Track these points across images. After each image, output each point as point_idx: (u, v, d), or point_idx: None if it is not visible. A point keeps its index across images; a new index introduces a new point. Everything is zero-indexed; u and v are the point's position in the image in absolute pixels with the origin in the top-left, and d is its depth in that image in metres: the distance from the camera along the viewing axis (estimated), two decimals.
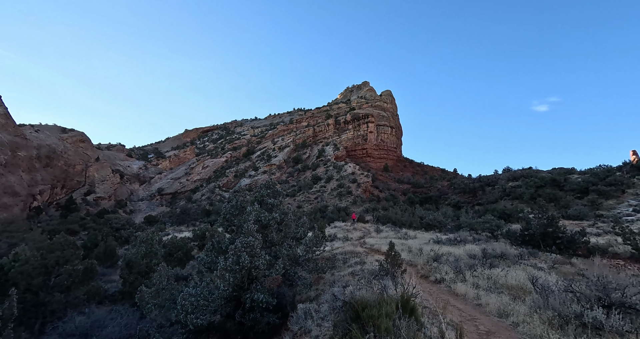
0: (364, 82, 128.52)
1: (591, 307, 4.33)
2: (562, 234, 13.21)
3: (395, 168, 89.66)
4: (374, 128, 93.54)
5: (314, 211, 48.49)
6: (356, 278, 8.67)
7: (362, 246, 16.73)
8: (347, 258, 13.20)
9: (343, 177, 65.97)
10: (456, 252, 12.34)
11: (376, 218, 34.69)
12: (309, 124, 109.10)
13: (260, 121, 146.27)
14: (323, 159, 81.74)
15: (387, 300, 3.46)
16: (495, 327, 4.77)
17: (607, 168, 43.41)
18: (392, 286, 4.92)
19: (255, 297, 5.76)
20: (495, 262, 10.44)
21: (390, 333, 3.06)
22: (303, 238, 10.62)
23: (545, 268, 10.03)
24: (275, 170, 79.59)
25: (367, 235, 22.89)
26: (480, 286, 7.58)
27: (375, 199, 58.44)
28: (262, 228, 8.35)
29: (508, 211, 29.90)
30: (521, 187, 43.87)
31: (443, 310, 4.90)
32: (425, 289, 7.76)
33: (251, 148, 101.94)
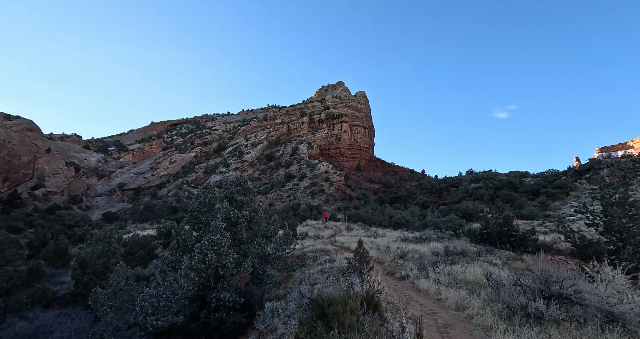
0: (338, 82, 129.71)
1: (534, 299, 4.77)
2: (515, 233, 14.27)
3: (367, 168, 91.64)
4: (348, 128, 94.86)
5: (286, 209, 48.22)
6: (325, 275, 8.77)
7: (333, 244, 16.92)
8: (317, 256, 13.29)
9: (316, 176, 66.22)
10: (421, 250, 12.87)
11: (347, 217, 35.27)
12: (283, 122, 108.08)
13: (232, 116, 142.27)
14: (297, 157, 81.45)
15: (353, 297, 3.55)
16: (453, 320, 5.07)
17: (554, 172, 47.68)
18: (359, 283, 5.05)
19: (221, 296, 5.62)
20: (456, 259, 11.03)
21: (354, 329, 3.14)
22: (273, 236, 10.53)
23: (500, 264, 10.76)
24: (248, 167, 77.98)
25: (338, 233, 23.17)
26: (442, 281, 8.00)
27: (348, 198, 59.38)
28: (231, 226, 8.15)
29: (470, 210, 31.77)
30: (482, 189, 46.86)
31: (406, 305, 5.11)
32: (391, 285, 8.04)
33: (223, 144, 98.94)
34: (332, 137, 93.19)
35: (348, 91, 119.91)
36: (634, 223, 8.77)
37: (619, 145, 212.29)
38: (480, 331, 4.53)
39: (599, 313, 4.40)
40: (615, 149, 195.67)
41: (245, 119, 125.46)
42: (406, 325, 3.52)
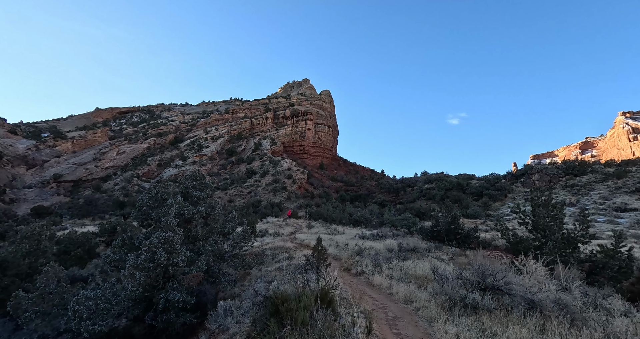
0: (304, 79, 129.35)
1: (472, 291, 5.28)
2: (461, 231, 15.54)
3: (330, 166, 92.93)
4: (313, 126, 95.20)
5: (247, 206, 47.04)
6: (283, 272, 8.75)
7: (293, 242, 16.93)
8: (276, 253, 13.20)
9: (279, 173, 65.49)
10: (377, 247, 13.40)
11: (309, 214, 35.48)
12: (246, 116, 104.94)
13: (191, 107, 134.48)
14: (259, 152, 79.74)
15: (307, 293, 3.59)
16: (401, 313, 5.39)
17: (496, 176, 52.83)
18: (315, 280, 5.13)
19: (170, 296, 5.30)
20: (409, 255, 11.68)
21: (307, 325, 3.18)
22: (231, 233, 10.21)
23: (446, 260, 11.63)
24: (207, 161, 74.46)
25: (298, 231, 23.22)
26: (394, 277, 8.43)
27: (310, 195, 59.69)
28: (184, 222, 7.73)
29: (423, 209, 33.86)
30: (434, 189, 50.24)
31: (359, 300, 5.31)
32: (347, 281, 8.28)
33: (180, 136, 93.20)
34: (296, 134, 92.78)
35: (313, 88, 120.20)
36: (554, 222, 10.08)
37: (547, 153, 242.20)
38: (424, 322, 4.88)
39: (523, 301, 5.01)
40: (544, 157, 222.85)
41: (205, 111, 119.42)
42: (357, 319, 3.66)
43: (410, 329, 4.54)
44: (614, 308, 4.92)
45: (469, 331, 4.33)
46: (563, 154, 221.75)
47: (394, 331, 4.47)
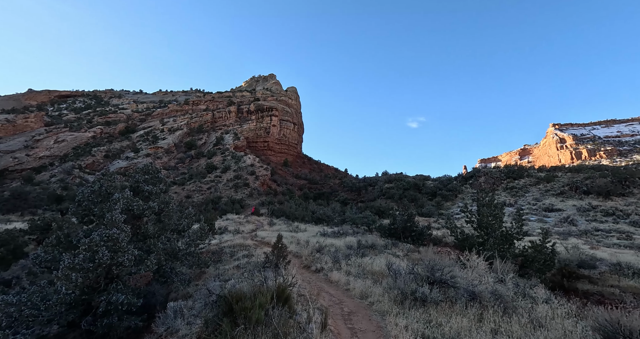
0: (270, 74, 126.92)
1: (422, 285, 5.64)
2: (416, 228, 16.47)
3: (294, 164, 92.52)
4: (278, 122, 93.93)
5: (206, 202, 45.04)
6: (241, 271, 8.54)
7: (253, 239, 16.64)
8: (235, 251, 12.86)
9: (241, 169, 63.62)
10: (337, 244, 13.67)
11: (271, 211, 35.00)
12: (207, 108, 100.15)
13: (146, 95, 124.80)
14: (221, 147, 76.68)
15: (263, 291, 3.54)
16: (357, 307, 5.58)
17: (448, 177, 56.86)
18: (273, 278, 5.08)
19: (113, 299, 4.87)
20: (367, 252, 12.09)
21: (262, 323, 3.13)
22: (187, 231, 9.70)
23: (401, 256, 12.24)
24: (163, 154, 69.76)
25: (259, 228, 22.88)
26: (352, 273, 8.67)
27: (273, 192, 58.89)
28: (133, 219, 7.14)
29: (382, 208, 35.27)
30: (394, 189, 52.59)
31: (316, 297, 5.38)
32: (306, 278, 8.34)
33: (132, 126, 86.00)
34: (260, 130, 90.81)
35: (280, 84, 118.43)
36: (496, 221, 11.14)
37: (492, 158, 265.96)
38: (377, 316, 5.10)
39: (466, 293, 5.48)
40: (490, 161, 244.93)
41: (162, 101, 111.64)
42: (313, 316, 3.70)
43: (363, 324, 4.71)
44: (538, 296, 5.60)
45: (417, 322, 4.61)
46: (505, 159, 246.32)
47: (349, 325, 4.60)
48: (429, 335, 4.11)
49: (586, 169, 48.40)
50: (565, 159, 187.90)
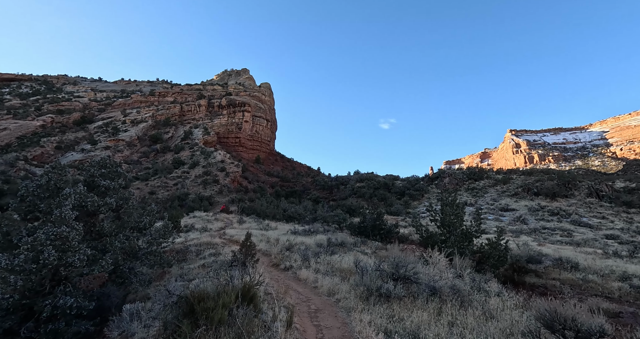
0: (243, 68, 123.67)
1: (387, 281, 5.84)
2: (384, 226, 16.98)
3: (266, 161, 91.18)
4: (250, 118, 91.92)
5: (171, 199, 42.97)
6: (207, 270, 8.26)
7: (221, 237, 16.23)
8: (201, 250, 12.45)
9: (211, 165, 61.46)
10: (308, 242, 13.70)
11: (241, 209, 34.25)
12: (176, 101, 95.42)
13: (106, 84, 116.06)
14: (190, 142, 73.48)
15: (228, 291, 3.44)
16: (324, 305, 5.63)
17: (416, 178, 59.31)
18: (240, 276, 4.97)
19: (60, 302, 4.46)
20: (336, 249, 12.24)
21: (225, 323, 3.05)
22: (148, 228, 9.18)
23: (369, 253, 12.55)
24: (124, 147, 65.37)
25: (228, 226, 22.38)
26: (320, 270, 8.73)
27: (244, 190, 57.59)
28: (86, 216, 6.61)
29: (353, 206, 35.95)
30: (365, 188, 53.76)
31: (284, 295, 5.35)
32: (274, 276, 8.26)
33: (89, 115, 79.63)
34: (232, 125, 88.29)
35: (253, 80, 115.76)
36: (457, 219, 11.81)
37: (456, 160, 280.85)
38: (343, 313, 5.20)
39: (427, 289, 5.76)
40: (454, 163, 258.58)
41: (125, 91, 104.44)
42: (278, 314, 3.67)
43: (329, 320, 4.77)
44: (491, 290, 6.03)
45: (381, 318, 4.77)
46: (468, 161, 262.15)
47: (315, 323, 4.64)
48: (391, 330, 4.27)
49: (537, 173, 52.96)
50: (519, 162, 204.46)
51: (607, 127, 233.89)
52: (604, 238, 21.75)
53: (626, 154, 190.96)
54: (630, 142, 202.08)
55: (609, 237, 21.99)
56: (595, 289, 9.35)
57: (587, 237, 21.35)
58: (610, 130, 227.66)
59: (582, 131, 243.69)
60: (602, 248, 17.05)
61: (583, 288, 9.48)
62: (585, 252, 15.03)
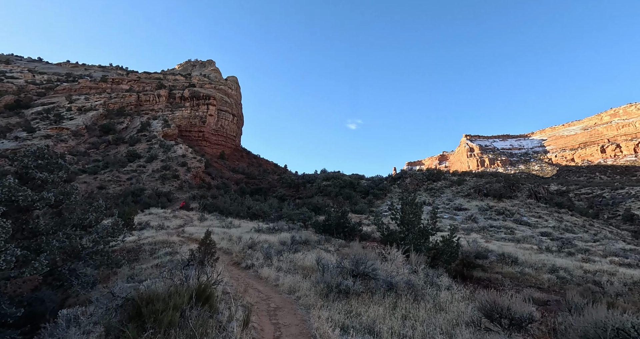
0: (209, 60, 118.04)
1: (347, 278, 5.98)
2: (348, 224, 17.33)
3: (232, 157, 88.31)
4: (215, 112, 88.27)
5: (124, 194, 39.85)
6: (161, 270, 7.79)
7: (179, 235, 15.47)
8: (156, 249, 11.74)
9: (171, 159, 58.00)
10: (271, 240, 13.53)
11: (203, 206, 32.85)
12: (132, 89, 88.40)
13: (48, 65, 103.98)
14: (147, 134, 68.63)
15: (181, 291, 3.27)
16: (284, 303, 5.61)
17: (380, 177, 61.46)
18: (196, 276, 4.75)
19: None
20: (300, 247, 12.23)
21: (175, 325, 2.89)
22: (94, 226, 8.40)
23: (333, 251, 12.72)
24: (69, 137, 59.20)
25: (188, 223, 21.43)
26: (283, 268, 8.67)
27: (206, 186, 55.21)
28: (17, 212, 5.86)
29: (319, 205, 36.21)
30: (331, 186, 54.43)
31: (243, 294, 5.22)
32: (234, 275, 8.04)
33: (25, 99, 70.83)
34: (195, 118, 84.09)
35: (219, 72, 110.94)
36: (415, 218, 12.45)
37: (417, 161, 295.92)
38: (303, 310, 5.22)
39: (384, 284, 6.00)
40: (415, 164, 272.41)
41: (71, 74, 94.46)
42: (234, 314, 3.57)
43: (288, 318, 4.76)
44: (443, 284, 6.46)
45: (339, 313, 4.87)
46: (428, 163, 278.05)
47: (273, 321, 4.60)
48: (348, 325, 4.38)
49: (487, 175, 57.77)
50: (473, 165, 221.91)
51: (545, 136, 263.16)
52: (540, 235, 24.37)
53: (559, 161, 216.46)
54: (562, 150, 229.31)
55: (544, 235, 24.69)
56: (530, 280, 10.46)
57: (526, 235, 23.78)
58: (548, 138, 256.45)
59: (525, 139, 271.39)
60: (537, 244, 19.09)
61: (520, 280, 10.55)
62: (523, 248, 16.72)
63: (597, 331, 4.03)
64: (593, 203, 71.45)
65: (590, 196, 79.17)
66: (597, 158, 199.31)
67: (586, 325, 4.21)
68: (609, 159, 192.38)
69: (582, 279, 10.44)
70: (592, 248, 18.50)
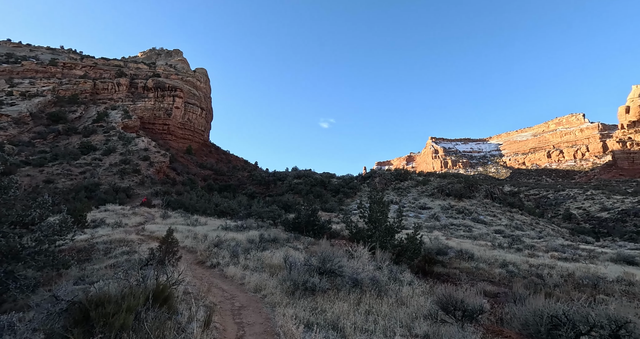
0: (176, 49, 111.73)
1: (313, 275, 6.03)
2: (318, 222, 17.42)
3: (199, 152, 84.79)
4: (182, 104, 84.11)
5: (77, 189, 36.69)
6: (116, 270, 7.27)
7: (139, 234, 14.61)
8: (111, 248, 10.96)
9: (131, 152, 54.33)
10: (239, 238, 13.22)
11: (167, 203, 31.25)
12: (87, 75, 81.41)
13: None
14: (105, 125, 63.65)
15: (136, 292, 3.08)
16: (249, 301, 5.51)
17: (350, 176, 62.61)
18: (155, 276, 4.50)
19: None
20: (268, 245, 12.08)
21: (128, 329, 2.72)
22: (38, 223, 7.62)
23: (301, 248, 12.72)
24: (9, 125, 53.17)
25: (150, 221, 20.34)
26: (250, 267, 8.51)
27: (171, 182, 52.48)
28: None
29: (290, 202, 35.99)
30: (302, 184, 54.41)
31: (206, 293, 5.05)
32: (198, 274, 7.75)
33: None
34: (160, 110, 79.48)
35: (187, 63, 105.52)
36: (382, 216, 12.85)
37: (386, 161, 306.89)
38: (268, 308, 5.17)
39: (350, 281, 6.14)
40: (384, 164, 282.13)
41: (12, 55, 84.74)
42: (195, 314, 3.44)
43: (253, 317, 4.69)
44: (405, 279, 6.74)
45: (304, 311, 4.90)
46: (396, 163, 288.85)
47: (237, 320, 4.50)
48: (313, 321, 4.41)
49: (449, 176, 61.25)
50: (437, 166, 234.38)
51: (501, 141, 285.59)
52: (494, 233, 26.37)
53: (513, 164, 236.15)
54: (515, 154, 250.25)
55: (497, 232, 26.76)
56: (483, 275, 11.29)
57: (482, 232, 25.60)
58: (504, 143, 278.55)
59: (484, 143, 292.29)
60: (491, 241, 20.63)
61: (475, 274, 11.35)
62: (479, 245, 17.98)
63: (535, 319, 4.50)
64: (539, 203, 78.78)
65: (537, 196, 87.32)
66: (544, 162, 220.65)
67: (527, 314, 4.68)
68: (554, 164, 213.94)
69: (528, 272, 11.49)
70: (537, 244, 20.39)
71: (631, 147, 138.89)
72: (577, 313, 4.28)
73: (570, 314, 4.28)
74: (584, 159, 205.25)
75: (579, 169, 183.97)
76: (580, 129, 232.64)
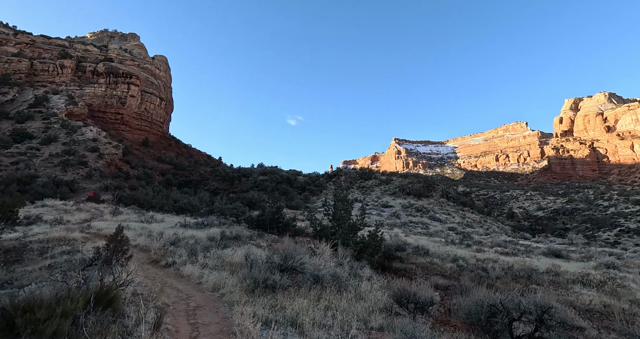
0: (131, 33, 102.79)
1: (275, 273, 5.98)
2: (282, 220, 17.29)
3: (157, 145, 79.47)
4: (138, 93, 78.10)
5: (7, 182, 32.37)
6: (52, 272, 6.56)
7: (83, 231, 13.41)
8: (48, 247, 9.89)
9: (77, 142, 49.29)
10: (199, 236, 12.68)
11: (118, 198, 28.86)
12: (22, 54, 72.00)
13: None
14: (44, 111, 56.94)
15: (74, 295, 2.79)
16: (205, 301, 5.30)
17: (317, 174, 63.05)
18: (99, 277, 4.13)
19: None
20: (230, 243, 11.73)
21: (63, 335, 2.46)
22: None
23: (265, 246, 12.54)
24: None
25: (97, 218, 18.71)
26: (209, 265, 8.18)
27: (124, 175, 48.51)
28: None
29: (254, 199, 35.26)
30: (267, 181, 53.55)
31: (158, 294, 4.76)
32: (151, 274, 7.29)
33: None
34: (112, 98, 73.02)
35: (144, 49, 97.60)
36: (346, 214, 13.12)
37: (352, 160, 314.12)
38: (226, 307, 5.02)
39: (311, 277, 6.19)
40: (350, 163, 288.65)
41: None
42: (144, 316, 3.23)
43: (209, 317, 4.53)
44: (365, 275, 6.97)
45: (264, 308, 4.84)
46: (361, 162, 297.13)
47: (191, 321, 4.31)
48: (272, 319, 4.38)
49: (410, 176, 64.49)
50: (399, 167, 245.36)
51: (457, 144, 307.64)
52: (447, 230, 28.29)
53: (466, 166, 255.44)
54: (469, 157, 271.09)
55: (450, 229, 28.75)
56: (437, 269, 12.07)
57: (437, 230, 27.34)
58: (459, 146, 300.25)
59: (442, 145, 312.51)
60: (445, 238, 22.12)
61: (430, 269, 12.09)
62: (434, 241, 19.17)
63: (477, 308, 4.96)
64: (488, 203, 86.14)
65: (486, 196, 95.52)
66: (493, 165, 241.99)
67: (470, 304, 5.15)
68: (501, 167, 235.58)
69: (475, 266, 12.51)
70: (484, 240, 22.27)
71: (563, 154, 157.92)
72: (512, 302, 4.79)
73: (505, 302, 4.78)
74: (525, 163, 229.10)
75: (522, 172, 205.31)
76: (523, 135, 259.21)
